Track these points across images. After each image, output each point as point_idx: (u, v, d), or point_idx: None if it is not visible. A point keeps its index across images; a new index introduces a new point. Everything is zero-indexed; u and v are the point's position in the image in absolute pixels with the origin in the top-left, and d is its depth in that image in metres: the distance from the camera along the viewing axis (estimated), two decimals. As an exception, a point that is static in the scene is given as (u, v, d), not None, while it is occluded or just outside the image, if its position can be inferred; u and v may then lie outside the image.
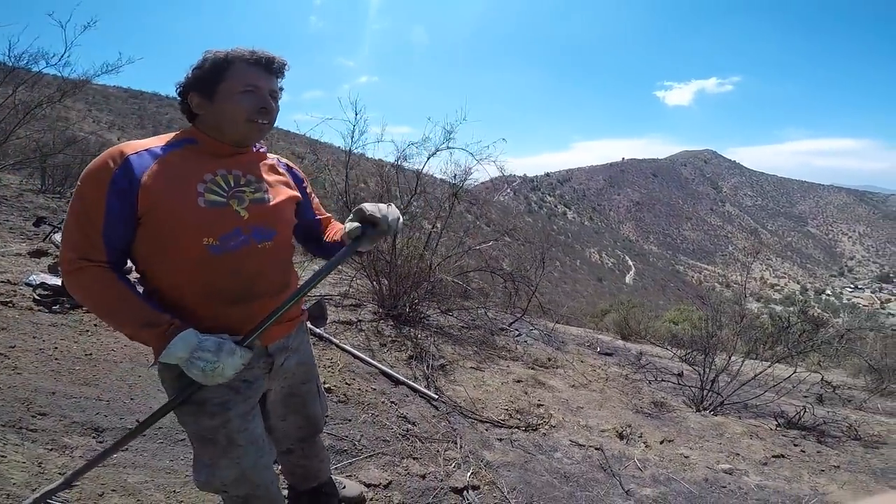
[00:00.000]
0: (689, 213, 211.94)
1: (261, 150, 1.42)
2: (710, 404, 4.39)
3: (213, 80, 1.24)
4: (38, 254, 4.60)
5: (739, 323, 4.99)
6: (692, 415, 4.11)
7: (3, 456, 1.76)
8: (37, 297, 3.32)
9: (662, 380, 5.06)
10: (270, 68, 1.30)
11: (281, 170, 1.45)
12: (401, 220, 1.41)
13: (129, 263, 1.25)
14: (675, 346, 6.67)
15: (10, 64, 6.32)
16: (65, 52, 6.44)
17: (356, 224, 1.34)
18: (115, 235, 1.15)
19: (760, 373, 4.56)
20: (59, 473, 1.75)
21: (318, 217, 1.57)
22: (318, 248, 1.57)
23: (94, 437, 2.06)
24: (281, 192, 1.37)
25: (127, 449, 2.00)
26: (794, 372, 4.54)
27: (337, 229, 1.54)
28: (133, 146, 1.19)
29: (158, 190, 1.15)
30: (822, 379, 4.91)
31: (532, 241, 6.99)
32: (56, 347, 2.70)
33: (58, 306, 3.30)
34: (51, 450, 1.90)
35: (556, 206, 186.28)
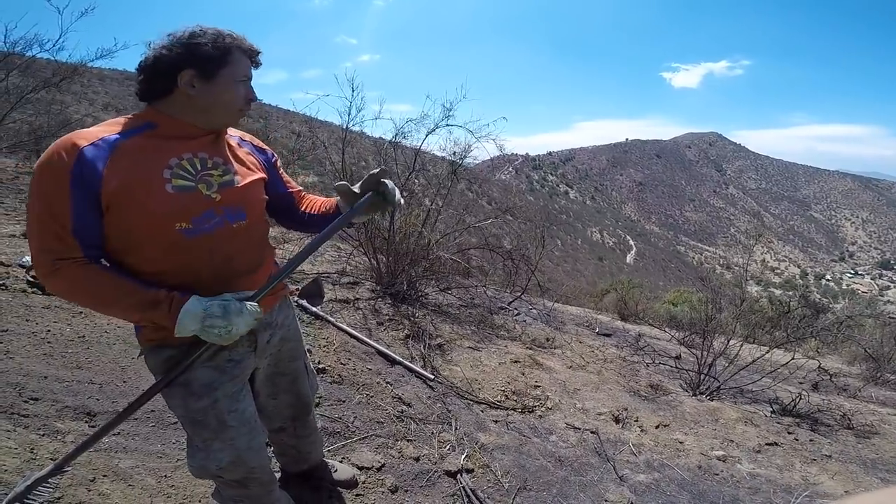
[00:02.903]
0: (691, 194, 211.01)
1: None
2: (706, 388, 4.39)
3: (219, 61, 1.18)
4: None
5: (739, 307, 4.95)
6: (688, 399, 4.10)
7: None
8: (30, 278, 3.26)
9: (660, 362, 5.06)
10: (255, 60, 1.28)
11: (246, 149, 1.41)
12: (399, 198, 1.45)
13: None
14: (673, 328, 6.66)
15: (6, 50, 6.28)
16: (60, 38, 6.42)
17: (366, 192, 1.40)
18: (86, 230, 1.09)
19: (758, 358, 4.53)
20: (51, 459, 1.72)
21: (290, 190, 1.54)
22: (293, 221, 1.56)
23: (86, 422, 2.03)
24: (248, 173, 1.34)
25: (118, 433, 1.98)
26: (792, 358, 4.52)
27: (318, 202, 1.56)
28: (85, 136, 1.10)
29: (122, 180, 1.09)
30: (819, 366, 4.90)
31: (532, 219, 6.91)
32: (49, 330, 2.66)
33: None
34: (42, 435, 1.87)
35: (557, 186, 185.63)
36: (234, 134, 1.41)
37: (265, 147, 1.49)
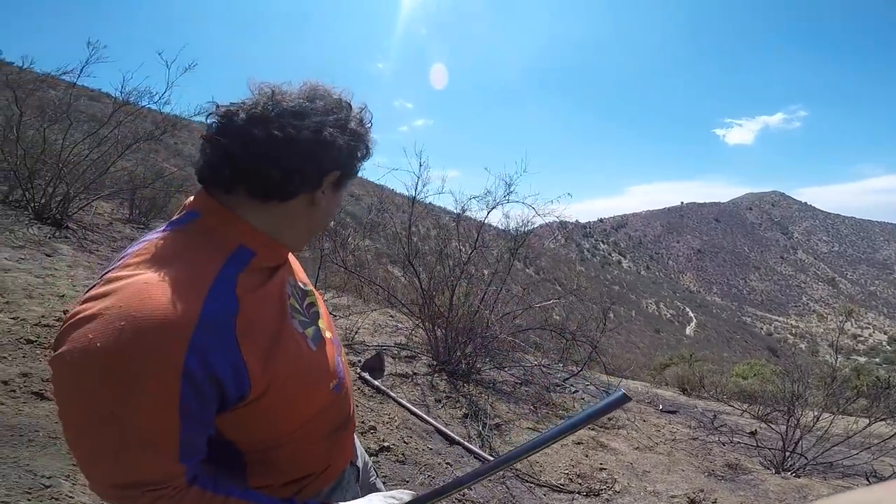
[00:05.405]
0: (756, 261, 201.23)
1: None
2: (791, 465, 4.04)
3: (359, 163, 0.85)
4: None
5: (830, 384, 4.62)
6: (771, 477, 3.79)
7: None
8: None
9: (737, 441, 4.71)
10: None
11: None
12: None
13: None
14: (744, 402, 6.23)
15: (121, 99, 6.68)
16: (165, 91, 6.68)
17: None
18: (196, 447, 0.71)
19: (857, 432, 4.17)
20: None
21: None
22: None
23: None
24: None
25: None
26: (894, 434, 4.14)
27: None
28: (169, 304, 0.64)
29: (272, 365, 0.74)
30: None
31: (596, 301, 6.83)
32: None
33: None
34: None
35: (609, 254, 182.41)
36: None
37: None
